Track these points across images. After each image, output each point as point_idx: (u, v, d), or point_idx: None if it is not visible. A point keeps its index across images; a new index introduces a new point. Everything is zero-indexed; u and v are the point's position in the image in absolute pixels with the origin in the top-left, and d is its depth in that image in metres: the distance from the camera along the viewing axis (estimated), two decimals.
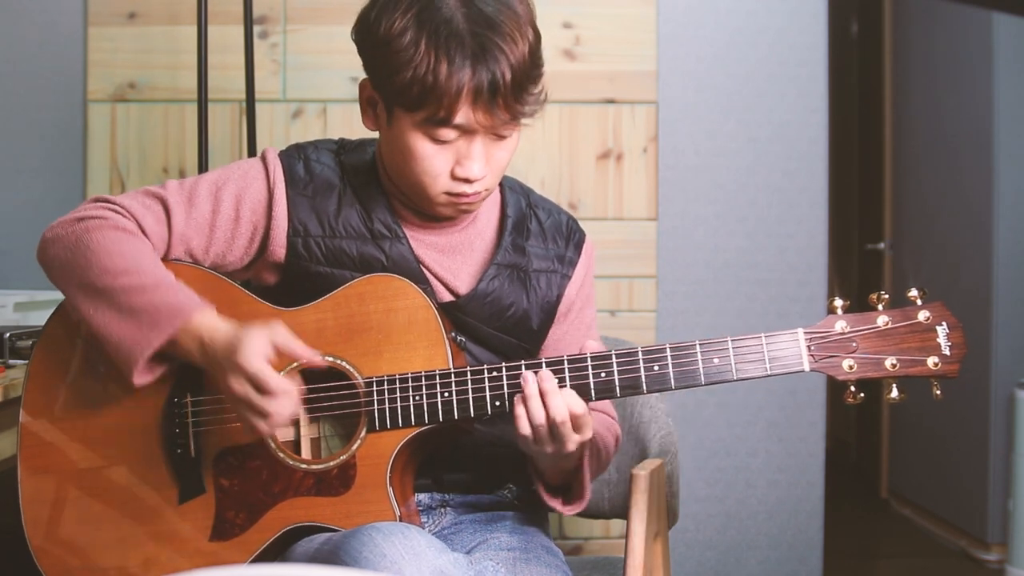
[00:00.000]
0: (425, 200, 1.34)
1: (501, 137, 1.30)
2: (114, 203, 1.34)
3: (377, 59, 1.28)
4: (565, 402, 1.23)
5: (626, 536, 1.39)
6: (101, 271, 1.27)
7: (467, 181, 1.29)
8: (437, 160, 1.29)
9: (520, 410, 1.23)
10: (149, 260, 1.30)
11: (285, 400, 1.20)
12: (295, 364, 1.28)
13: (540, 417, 1.22)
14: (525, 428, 1.23)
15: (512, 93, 1.24)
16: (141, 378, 1.27)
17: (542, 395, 1.23)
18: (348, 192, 1.38)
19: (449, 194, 1.31)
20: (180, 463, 1.32)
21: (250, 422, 1.22)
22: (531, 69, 1.27)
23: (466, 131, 1.27)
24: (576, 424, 1.24)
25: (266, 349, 1.20)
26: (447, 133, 1.27)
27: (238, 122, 2.44)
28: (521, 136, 1.34)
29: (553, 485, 1.38)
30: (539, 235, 1.45)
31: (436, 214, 1.37)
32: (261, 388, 1.19)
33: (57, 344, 1.38)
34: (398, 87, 1.25)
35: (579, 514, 1.78)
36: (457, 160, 1.29)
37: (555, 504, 1.38)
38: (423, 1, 1.24)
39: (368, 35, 1.29)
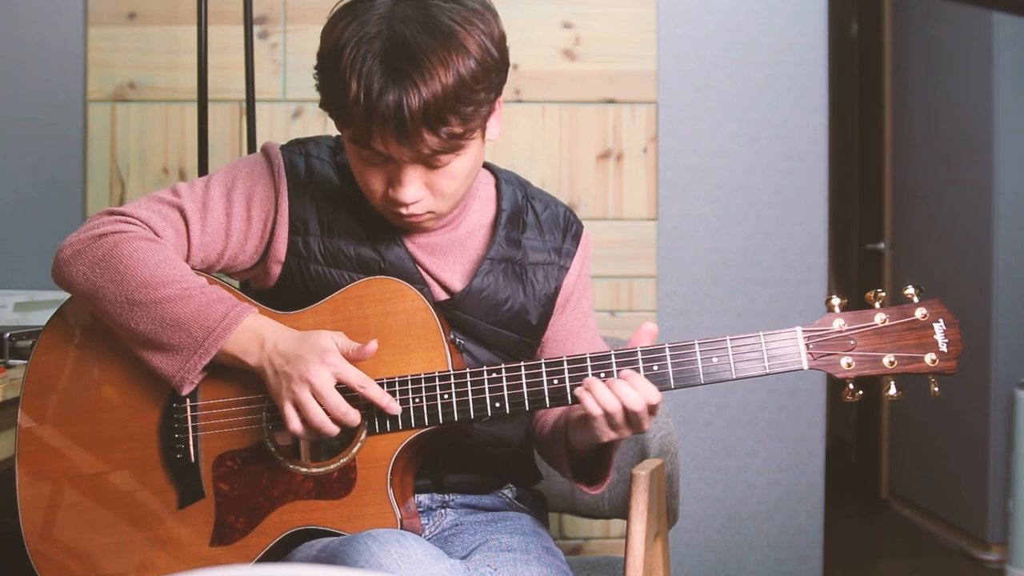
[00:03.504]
0: (379, 210, 1.33)
1: (434, 166, 1.25)
2: (130, 216, 1.33)
3: (318, 70, 1.27)
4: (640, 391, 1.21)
5: (626, 536, 1.38)
6: (139, 284, 1.27)
7: (401, 203, 1.27)
8: (371, 177, 1.27)
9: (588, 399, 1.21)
10: (184, 268, 1.30)
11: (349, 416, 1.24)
12: None
13: (613, 405, 1.20)
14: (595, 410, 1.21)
15: (427, 125, 1.17)
16: (190, 387, 1.29)
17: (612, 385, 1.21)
18: (346, 191, 1.38)
19: (392, 211, 1.30)
20: (179, 468, 1.32)
21: (301, 415, 1.23)
22: (455, 101, 1.18)
23: (388, 158, 1.23)
24: (652, 409, 1.23)
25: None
26: (370, 156, 1.24)
27: (238, 122, 2.44)
28: (521, 135, 1.32)
29: (579, 460, 1.37)
30: (535, 227, 1.44)
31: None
32: (337, 405, 1.23)
33: (56, 346, 1.38)
34: (327, 102, 1.25)
35: (579, 514, 1.79)
36: (389, 182, 1.27)
37: (580, 485, 1.38)
38: (356, 21, 1.21)
39: (320, 45, 1.28)
